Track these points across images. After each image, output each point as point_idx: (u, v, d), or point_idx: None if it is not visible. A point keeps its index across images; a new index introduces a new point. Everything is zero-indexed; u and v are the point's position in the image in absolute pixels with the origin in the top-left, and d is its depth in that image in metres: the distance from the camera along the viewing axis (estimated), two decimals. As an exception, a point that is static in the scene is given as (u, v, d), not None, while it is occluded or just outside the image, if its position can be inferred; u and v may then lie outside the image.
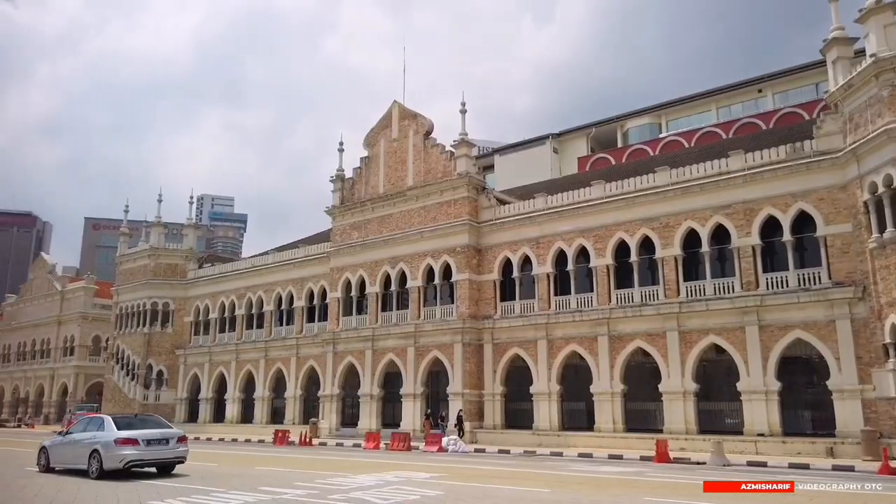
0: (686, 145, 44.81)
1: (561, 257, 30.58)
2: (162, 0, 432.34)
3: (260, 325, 42.92)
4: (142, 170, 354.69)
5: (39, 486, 14.14)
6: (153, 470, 16.59)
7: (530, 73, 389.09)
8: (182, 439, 16.89)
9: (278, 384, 41.18)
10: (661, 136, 49.72)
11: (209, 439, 37.23)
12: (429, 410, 31.42)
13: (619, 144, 52.64)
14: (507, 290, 32.40)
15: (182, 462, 16.83)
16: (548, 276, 30.73)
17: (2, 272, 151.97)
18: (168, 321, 47.66)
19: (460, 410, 30.01)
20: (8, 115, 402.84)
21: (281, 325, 41.88)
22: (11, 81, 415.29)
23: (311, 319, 40.18)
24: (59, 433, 19.37)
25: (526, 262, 31.66)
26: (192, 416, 45.32)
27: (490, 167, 55.76)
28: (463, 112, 34.55)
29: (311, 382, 39.17)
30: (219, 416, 43.76)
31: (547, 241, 30.92)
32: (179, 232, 52.70)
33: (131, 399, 46.83)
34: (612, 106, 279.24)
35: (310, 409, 38.81)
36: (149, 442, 15.97)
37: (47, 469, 17.51)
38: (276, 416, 40.63)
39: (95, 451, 15.82)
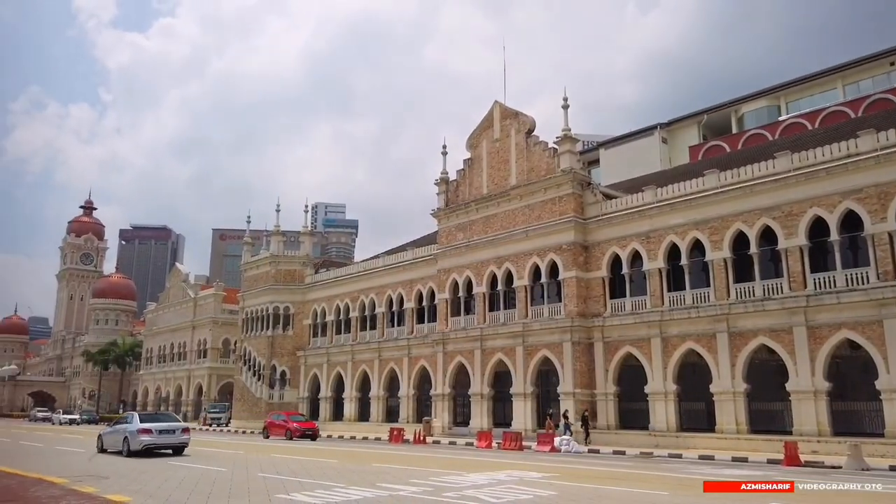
0: (809, 127, 41.83)
1: (673, 251, 29.45)
2: (274, 22, 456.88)
3: (373, 327, 44.37)
4: (262, 182, 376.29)
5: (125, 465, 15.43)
6: (170, 451, 21.95)
7: (636, 62, 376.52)
8: (185, 430, 22.62)
9: (392, 383, 42.41)
10: (780, 119, 46.72)
11: (329, 437, 38.94)
12: (550, 410, 30.92)
13: (734, 130, 49.96)
14: (616, 287, 31.61)
15: (185, 446, 22.33)
16: (660, 272, 29.68)
17: (143, 282, 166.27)
18: (289, 324, 50.26)
19: (585, 410, 29.62)
20: (145, 138, 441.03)
21: (393, 326, 43.09)
22: (147, 106, 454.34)
23: (420, 320, 41.08)
24: (109, 424, 26.79)
25: (636, 257, 30.74)
26: (313, 415, 47.50)
27: (595, 161, 54.62)
28: (565, 107, 34.07)
29: (423, 381, 40.03)
30: (338, 414, 45.67)
31: (658, 235, 29.87)
32: (296, 239, 55.52)
33: (258, 398, 49.83)
34: (725, 90, 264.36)
35: (423, 408, 39.68)
36: (160, 432, 21.56)
37: (102, 450, 23.09)
38: (391, 414, 41.85)
39: (126, 437, 21.52)
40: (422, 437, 32.46)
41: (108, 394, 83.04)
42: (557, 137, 34.00)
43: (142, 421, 21.98)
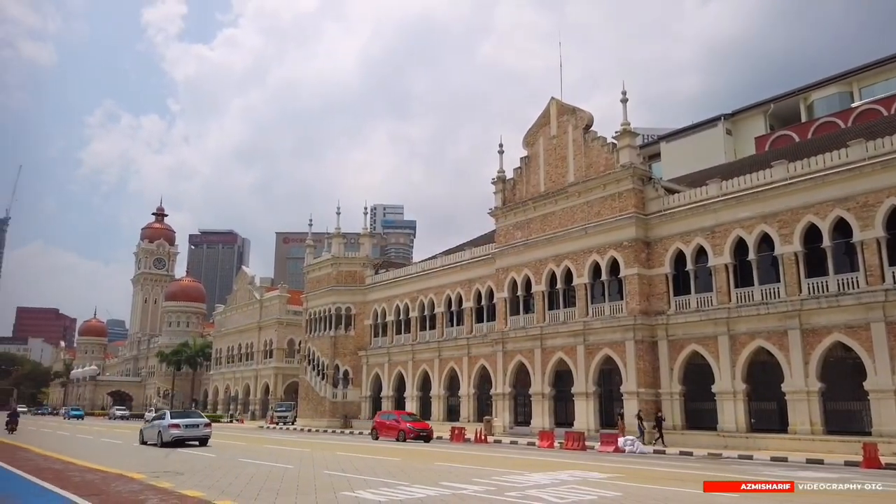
0: (884, 113, 39.75)
1: (740, 246, 28.51)
2: (332, 28, 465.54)
3: (432, 327, 44.67)
4: (322, 185, 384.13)
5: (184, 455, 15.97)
6: (196, 442, 26.06)
7: (696, 52, 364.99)
8: (207, 425, 27.12)
9: (452, 383, 42.60)
10: (853, 105, 44.54)
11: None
12: (621, 410, 30.23)
13: (803, 119, 47.93)
14: (680, 284, 30.84)
15: (208, 438, 26.61)
16: (726, 268, 28.79)
17: (212, 284, 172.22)
18: (350, 324, 51.16)
19: (659, 412, 29.02)
20: (211, 146, 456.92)
21: (452, 325, 43.27)
22: (212, 115, 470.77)
23: (479, 320, 41.11)
24: (146, 420, 33.35)
25: (700, 253, 29.92)
26: (376, 413, 48.18)
27: (656, 156, 53.39)
28: (624, 101, 33.44)
29: (483, 381, 40.05)
30: (399, 413, 46.14)
31: (723, 230, 28.97)
32: (356, 241, 56.44)
33: (322, 397, 50.91)
34: (793, 78, 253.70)
35: (483, 407, 39.70)
36: (187, 426, 26.06)
37: (142, 442, 27.35)
38: (452, 413, 42.04)
39: (160, 431, 25.85)
40: (483, 437, 32.48)
41: (181, 393, 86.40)
42: (616, 132, 33.43)
43: (172, 418, 26.91)
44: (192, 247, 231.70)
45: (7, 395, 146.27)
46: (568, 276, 34.43)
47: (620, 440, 26.22)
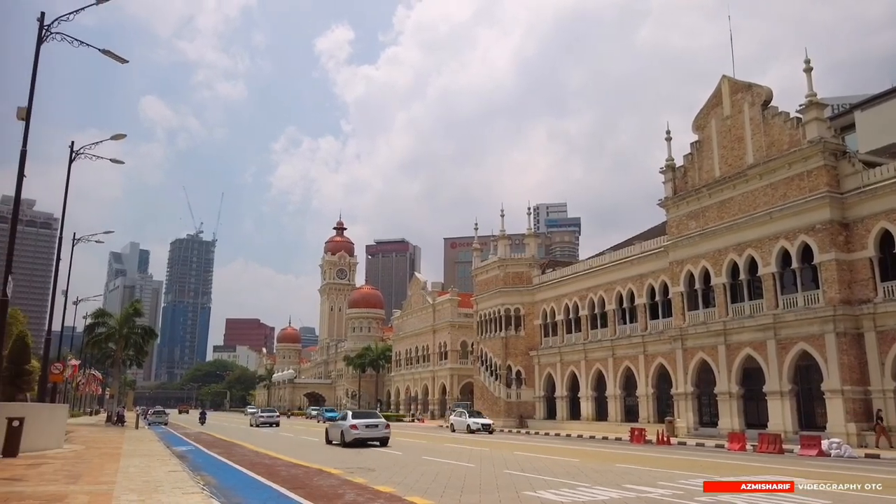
0: None
1: (964, 221, 24.63)
2: (486, 34, 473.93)
3: (604, 325, 43.56)
4: (483, 189, 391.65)
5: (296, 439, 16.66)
6: (279, 426, 47.79)
7: (891, 4, 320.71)
8: (277, 416, 53.32)
9: (628, 382, 41.23)
10: None
11: (568, 435, 38.99)
12: (879, 410, 26.19)
13: None
14: (888, 268, 27.31)
15: (278, 424, 50.03)
16: (947, 247, 25.02)
17: (388, 291, 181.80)
18: (520, 325, 51.43)
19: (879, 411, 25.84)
20: (380, 161, 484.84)
21: (624, 323, 41.91)
22: (380, 131, 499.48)
23: (654, 316, 39.41)
24: (252, 414, 61.10)
25: (913, 232, 26.27)
26: (551, 413, 48.03)
27: (849, 127, 47.60)
28: (808, 70, 30.34)
29: (662, 380, 38.29)
30: (574, 413, 45.55)
31: (940, 204, 25.21)
32: (521, 242, 56.73)
33: (496, 397, 51.66)
34: None
35: (663, 408, 37.96)
36: (268, 416, 50.87)
37: (250, 425, 49.32)
38: (629, 413, 40.67)
39: (254, 418, 52.73)
40: (665, 438, 31.05)
41: (367, 393, 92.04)
42: (801, 105, 30.44)
43: (262, 412, 53.18)
44: (369, 256, 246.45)
45: (221, 397, 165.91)
46: (752, 265, 31.89)
47: (825, 443, 23.71)
